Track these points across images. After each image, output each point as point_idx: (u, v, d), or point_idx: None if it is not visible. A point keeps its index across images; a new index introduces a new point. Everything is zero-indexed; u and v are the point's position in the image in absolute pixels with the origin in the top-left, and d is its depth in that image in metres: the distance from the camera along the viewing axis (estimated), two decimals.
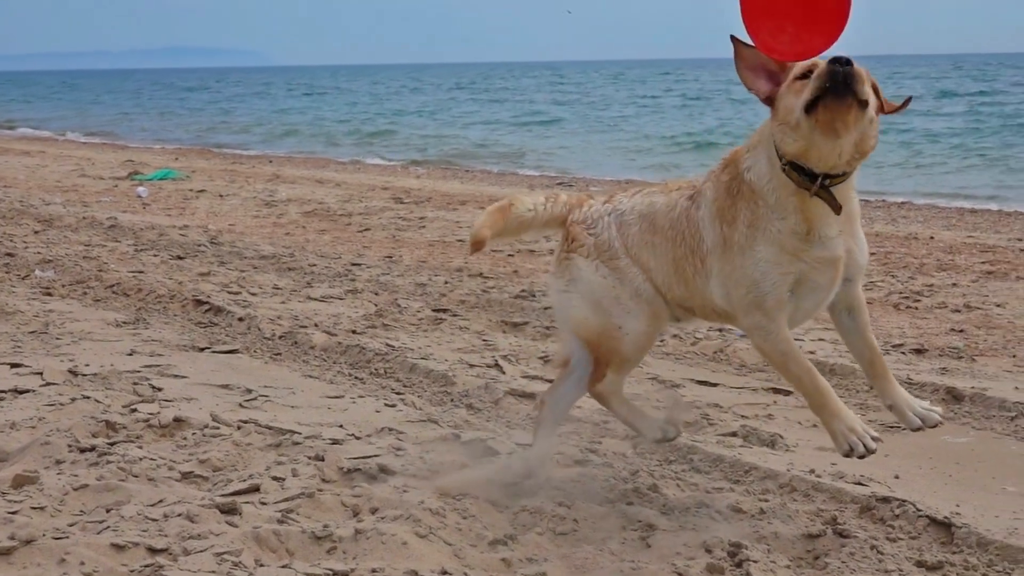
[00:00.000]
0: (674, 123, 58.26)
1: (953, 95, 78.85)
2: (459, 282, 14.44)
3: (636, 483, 6.77)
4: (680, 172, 36.14)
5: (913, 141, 44.35)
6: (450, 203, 24.65)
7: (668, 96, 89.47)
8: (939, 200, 27.55)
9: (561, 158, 42.42)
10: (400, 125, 62.24)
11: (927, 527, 6.09)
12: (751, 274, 5.94)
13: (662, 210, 6.47)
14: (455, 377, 9.49)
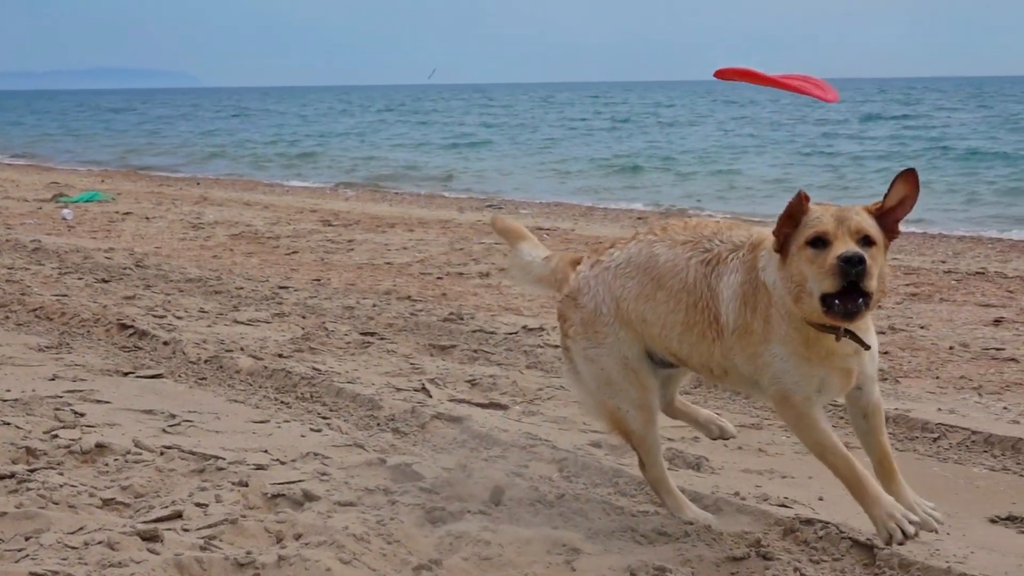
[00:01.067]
0: (603, 146, 58.51)
1: (878, 119, 79.82)
2: (387, 305, 14.40)
3: (562, 507, 6.77)
4: (608, 194, 36.28)
5: (839, 165, 44.83)
6: (379, 225, 24.60)
7: (597, 119, 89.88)
8: None
9: (491, 180, 42.45)
10: (329, 147, 62.09)
11: (850, 549, 6.12)
12: (773, 366, 6.04)
13: (667, 266, 6.44)
14: (382, 401, 9.46)
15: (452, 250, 20.49)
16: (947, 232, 25.71)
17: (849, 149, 51.94)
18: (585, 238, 22.75)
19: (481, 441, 8.46)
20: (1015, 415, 9.74)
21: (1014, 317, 14.12)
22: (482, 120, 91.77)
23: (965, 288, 16.49)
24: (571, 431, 8.96)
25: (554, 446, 8.25)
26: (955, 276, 17.79)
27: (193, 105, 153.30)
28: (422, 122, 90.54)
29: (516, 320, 13.68)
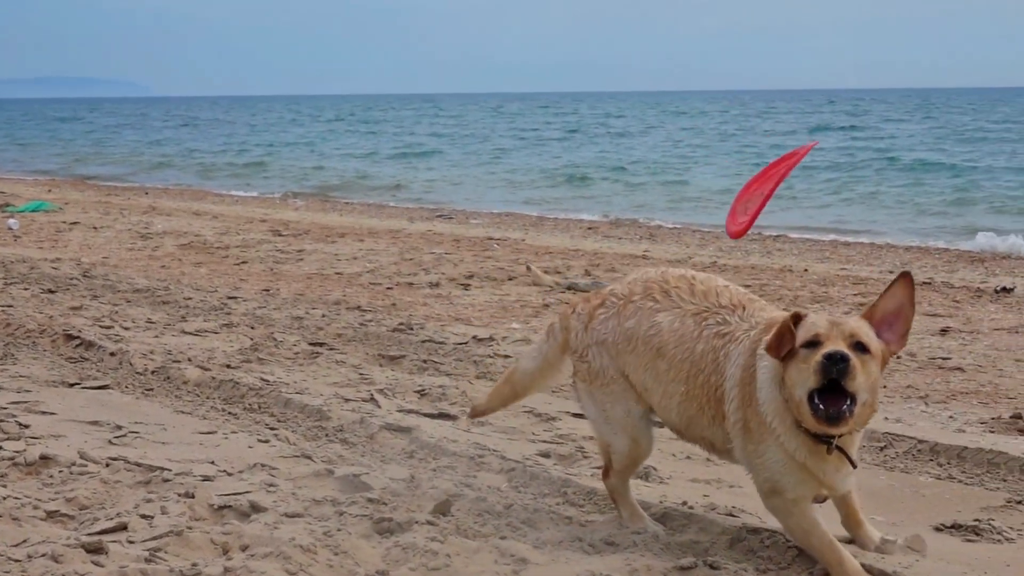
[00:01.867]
0: (553, 156, 58.61)
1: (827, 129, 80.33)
2: (337, 315, 14.36)
3: (510, 517, 6.76)
4: (558, 204, 36.34)
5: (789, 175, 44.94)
6: (329, 235, 24.55)
7: (547, 129, 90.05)
8: (813, 233, 28.01)
9: (441, 190, 42.46)
10: (278, 156, 61.93)
11: (796, 558, 6.14)
12: (769, 467, 5.99)
13: (670, 333, 6.36)
14: (330, 411, 9.42)
15: (402, 260, 20.47)
16: (895, 242, 25.93)
17: None
18: (535, 248, 22.80)
19: (430, 451, 8.44)
20: (961, 424, 9.82)
21: (960, 327, 14.24)
22: (432, 130, 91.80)
23: None
24: (520, 441, 8.96)
25: (503, 456, 8.24)
26: None
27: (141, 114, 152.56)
28: (371, 132, 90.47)
29: (466, 330, 13.67)
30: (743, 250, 23.38)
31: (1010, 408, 10.42)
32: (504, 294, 16.86)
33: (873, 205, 35.17)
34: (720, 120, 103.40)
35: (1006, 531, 6.89)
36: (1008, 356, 12.70)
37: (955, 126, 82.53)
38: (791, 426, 5.80)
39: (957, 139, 66.13)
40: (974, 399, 10.86)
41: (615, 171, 48.71)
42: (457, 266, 19.65)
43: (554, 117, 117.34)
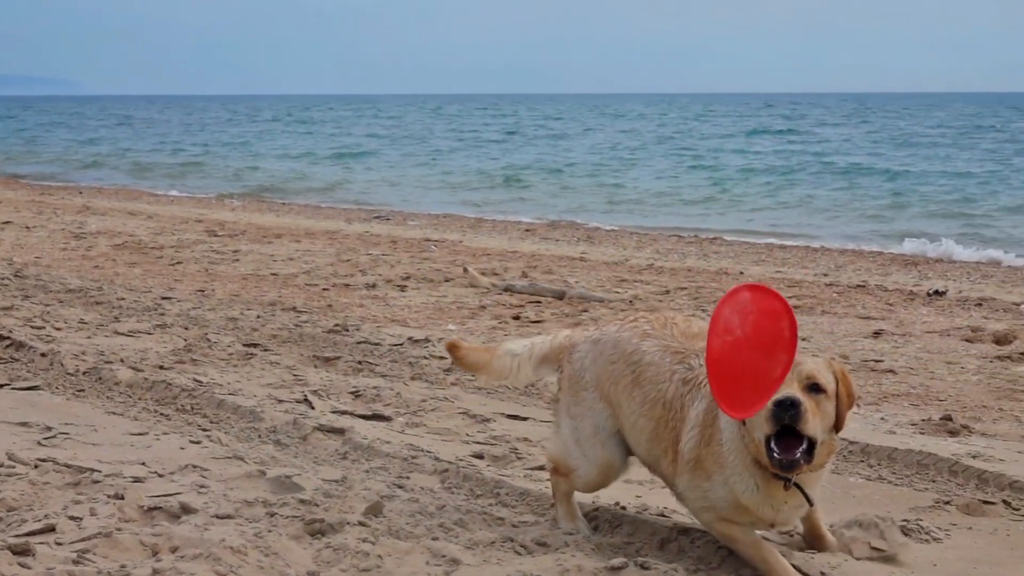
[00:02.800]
0: (491, 158, 58.62)
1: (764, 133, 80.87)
2: (272, 316, 14.29)
3: (442, 518, 6.75)
4: (496, 207, 36.37)
5: (725, 178, 45.32)
6: (265, 236, 24.43)
7: (486, 130, 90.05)
8: (749, 236, 28.17)
9: (378, 191, 42.37)
10: (214, 157, 61.57)
11: (726, 558, 6.17)
12: (711, 497, 6.01)
13: (651, 369, 6.36)
14: (263, 413, 9.37)
15: (339, 261, 20.40)
16: (829, 245, 26.12)
17: (734, 163, 52.57)
18: (473, 249, 22.80)
19: (363, 453, 8.42)
20: (892, 425, 9.91)
21: (893, 329, 14.37)
22: (370, 131, 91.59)
23: (846, 301, 16.75)
24: (454, 442, 8.96)
25: (436, 457, 8.23)
26: (836, 289, 18.07)
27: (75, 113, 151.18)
28: (309, 132, 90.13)
29: (402, 332, 13.64)
30: (680, 253, 23.49)
31: (940, 410, 10.52)
32: (441, 295, 16.84)
33: (808, 208, 35.42)
34: (658, 123, 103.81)
35: (934, 531, 6.96)
36: (939, 359, 12.82)
37: (890, 131, 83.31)
38: (749, 464, 5.81)
39: (892, 144, 66.75)
40: (905, 401, 10.96)
41: (553, 173, 48.79)
42: (394, 267, 19.61)
43: (492, 119, 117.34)
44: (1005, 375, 12.08)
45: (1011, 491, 8.04)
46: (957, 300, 17.02)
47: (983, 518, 7.54)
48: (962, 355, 13.04)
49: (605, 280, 18.57)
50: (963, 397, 11.13)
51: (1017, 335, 13.98)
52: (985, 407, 10.76)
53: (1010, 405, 10.83)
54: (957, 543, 6.95)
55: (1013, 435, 9.72)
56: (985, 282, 19.56)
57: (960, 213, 33.11)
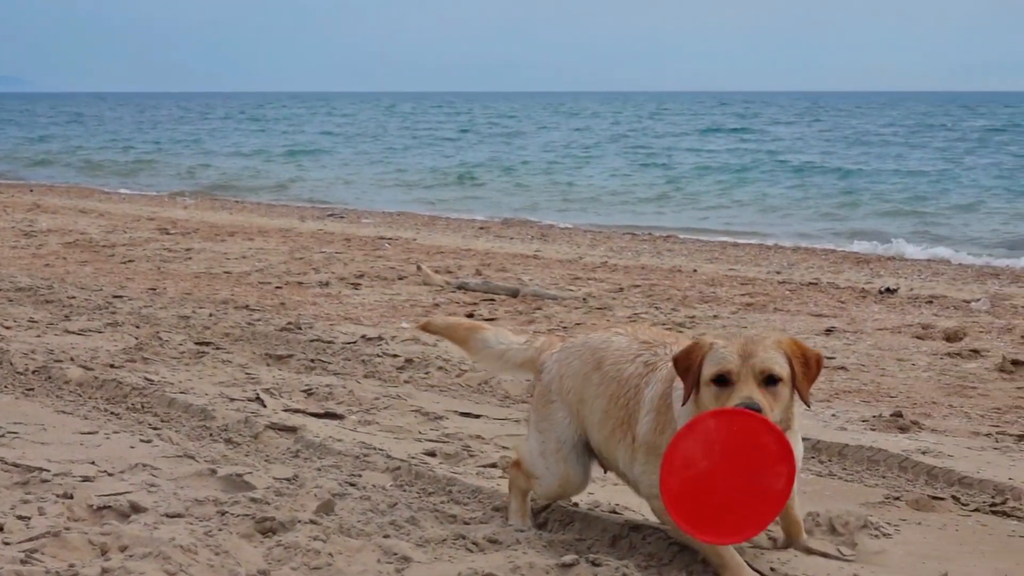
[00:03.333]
0: (445, 156, 58.57)
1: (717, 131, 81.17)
2: (224, 314, 14.23)
3: (394, 516, 6.73)
4: (450, 205, 36.36)
5: (679, 176, 45.45)
6: (218, 234, 24.33)
7: (441, 128, 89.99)
8: (703, 234, 28.27)
9: (332, 189, 42.27)
10: (167, 154, 61.25)
11: (677, 554, 6.18)
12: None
13: (615, 353, 6.36)
14: (215, 411, 9.32)
15: (292, 259, 20.34)
16: (783, 243, 26.24)
17: (688, 161, 52.75)
18: (427, 247, 22.78)
19: (315, 451, 8.40)
20: (843, 422, 9.96)
21: (845, 327, 14.45)
22: (324, 128, 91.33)
23: (798, 298, 16.83)
24: (406, 440, 8.94)
25: (388, 455, 8.21)
26: (789, 286, 18.15)
27: (25, 110, 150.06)
28: (262, 130, 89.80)
29: (355, 330, 13.61)
30: (634, 251, 23.55)
31: (891, 406, 10.59)
32: (395, 293, 16.81)
33: (762, 207, 35.59)
34: (612, 121, 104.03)
35: (883, 527, 6.99)
36: (890, 355, 12.91)
37: (843, 129, 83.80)
38: None
39: (845, 142, 67.14)
40: (856, 398, 11.03)
41: (507, 171, 48.81)
42: (347, 265, 19.57)
43: (447, 117, 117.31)
44: (955, 372, 12.17)
45: (960, 487, 8.11)
46: (908, 298, 17.14)
47: (932, 513, 7.59)
48: (913, 352, 13.13)
49: (559, 278, 18.59)
50: (913, 394, 11.21)
51: (967, 332, 14.09)
52: (935, 403, 10.84)
53: (960, 401, 10.92)
54: (906, 538, 6.99)
55: (962, 431, 9.80)
56: (936, 280, 19.70)
57: (912, 211, 33.34)
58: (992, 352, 13.02)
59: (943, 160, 52.17)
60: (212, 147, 67.72)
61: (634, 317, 14.91)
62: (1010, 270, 21.78)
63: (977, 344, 13.47)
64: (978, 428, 9.93)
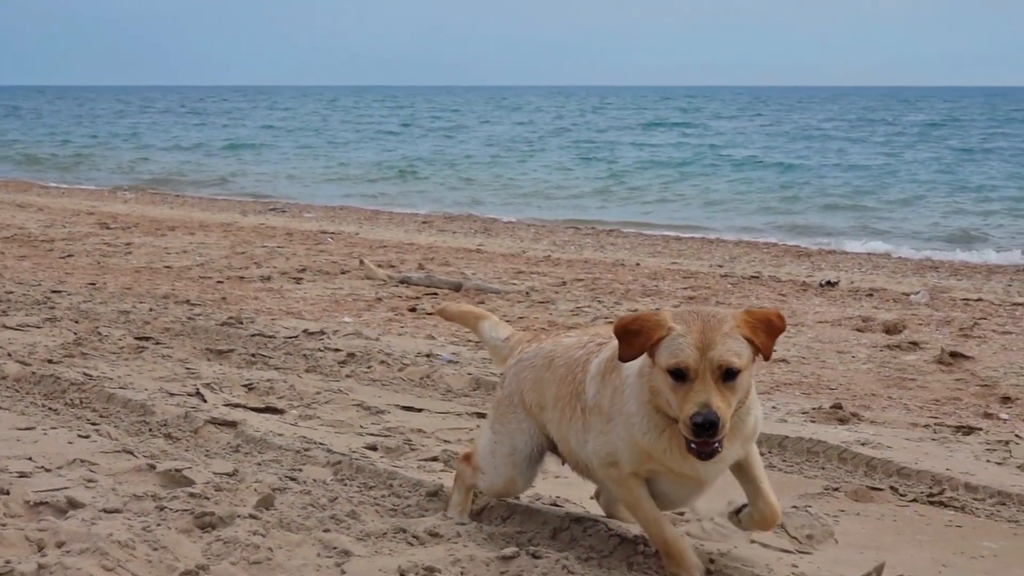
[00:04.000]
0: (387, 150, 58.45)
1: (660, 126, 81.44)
2: (165, 309, 14.13)
3: (334, 510, 6.71)
4: (393, 199, 36.31)
5: (622, 170, 45.57)
6: (158, 228, 24.17)
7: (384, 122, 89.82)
8: (646, 228, 28.37)
9: (274, 183, 42.09)
10: (106, 148, 60.78)
11: (617, 546, 6.19)
12: (613, 442, 5.81)
13: (564, 348, 6.34)
14: (154, 406, 9.24)
15: (234, 253, 20.23)
16: (725, 238, 26.38)
17: (631, 155, 52.89)
18: (370, 241, 22.73)
19: (255, 445, 8.35)
20: (783, 414, 10.03)
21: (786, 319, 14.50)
22: (266, 122, 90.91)
23: (740, 291, 16.92)
24: (347, 434, 8.91)
25: (329, 449, 8.18)
26: (731, 280, 18.26)
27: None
28: (202, 124, 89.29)
29: (297, 324, 13.55)
30: (577, 245, 23.60)
31: (831, 398, 10.67)
32: (337, 288, 16.76)
33: (704, 201, 35.75)
34: (555, 115, 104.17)
35: (822, 517, 7.04)
36: (831, 348, 13.00)
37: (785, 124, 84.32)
38: (651, 411, 5.66)
39: (787, 137, 67.57)
40: (797, 390, 11.10)
41: (450, 165, 48.79)
42: (289, 260, 19.48)
43: (389, 110, 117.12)
44: (894, 364, 12.28)
45: (898, 477, 8.18)
46: (849, 291, 17.27)
47: (871, 504, 7.65)
48: (853, 344, 13.24)
49: (502, 272, 18.60)
50: (853, 385, 11.29)
51: (906, 324, 14.22)
52: (875, 395, 10.93)
53: (899, 393, 11.02)
54: (845, 529, 7.05)
55: (901, 422, 9.88)
56: (876, 273, 19.88)
57: (853, 205, 33.60)
58: (931, 344, 13.14)
59: (884, 155, 52.63)
60: (152, 141, 67.25)
61: (576, 311, 14.94)
62: (949, 263, 22.04)
63: (916, 336, 13.60)
64: (917, 419, 10.02)
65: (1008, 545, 6.95)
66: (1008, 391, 11.09)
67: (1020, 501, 7.66)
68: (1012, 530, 7.23)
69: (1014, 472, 8.37)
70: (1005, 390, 11.13)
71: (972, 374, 11.83)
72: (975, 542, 6.98)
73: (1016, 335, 13.89)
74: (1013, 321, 14.84)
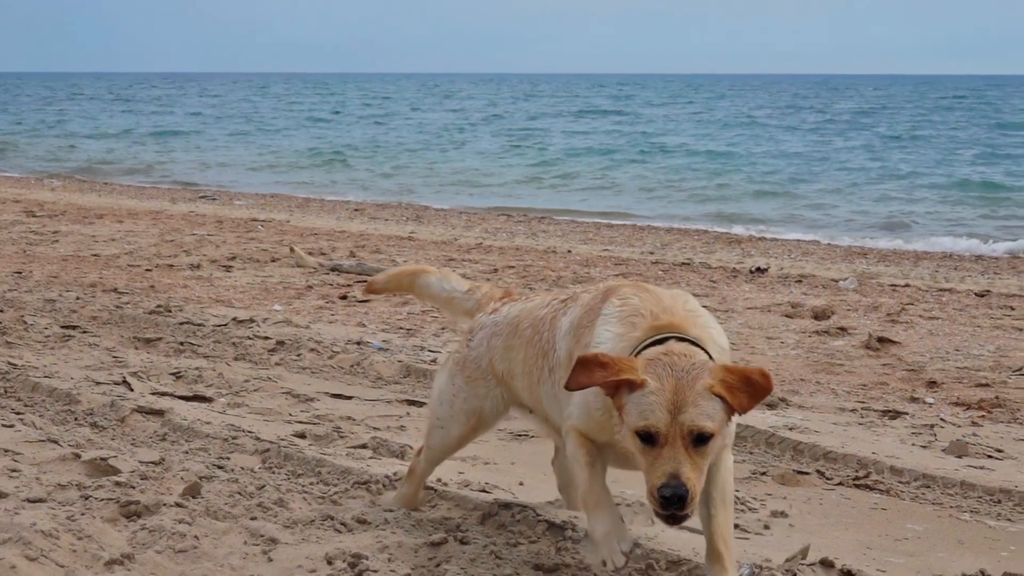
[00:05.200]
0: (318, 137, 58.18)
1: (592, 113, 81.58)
2: (92, 298, 13.99)
3: (262, 498, 6.66)
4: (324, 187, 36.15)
5: (553, 158, 45.62)
6: (86, 217, 23.93)
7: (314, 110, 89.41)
8: (577, 216, 28.43)
9: (204, 171, 41.80)
10: (32, 135, 60.04)
11: (546, 531, 6.21)
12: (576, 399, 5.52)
13: (529, 311, 6.10)
14: (80, 395, 9.14)
15: (163, 242, 20.07)
16: (656, 225, 26.49)
17: (563, 143, 52.96)
18: (301, 229, 22.64)
19: (183, 434, 8.28)
20: None
21: (716, 306, 14.61)
22: (195, 109, 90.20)
23: (671, 278, 16.98)
24: (276, 422, 8.87)
25: (257, 437, 8.12)
26: (662, 266, 18.33)
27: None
28: (130, 111, 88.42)
29: (226, 312, 13.46)
30: (508, 232, 23.61)
31: None
32: (267, 276, 16.66)
33: (635, 188, 35.86)
34: (487, 103, 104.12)
35: (750, 501, 7.09)
36: (760, 334, 13.08)
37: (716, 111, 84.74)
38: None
39: (718, 124, 67.90)
40: None
41: (382, 152, 48.65)
42: (219, 248, 19.35)
43: (320, 98, 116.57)
44: (823, 349, 12.37)
45: (825, 461, 8.25)
46: (778, 277, 17.40)
47: (798, 488, 7.72)
48: (782, 330, 13.33)
49: (434, 259, 18.56)
50: (782, 371, 11.37)
51: (835, 310, 14.34)
52: (803, 380, 11.01)
53: (827, 378, 11.10)
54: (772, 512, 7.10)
55: (828, 407, 9.96)
56: (805, 260, 20.03)
57: (783, 193, 33.85)
58: (859, 330, 13.26)
59: (814, 142, 53.01)
60: (79, 128, 66.51)
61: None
62: (878, 250, 22.26)
63: (844, 322, 13.71)
64: (844, 404, 10.10)
65: (932, 527, 7.04)
66: (934, 375, 11.21)
67: (944, 484, 7.75)
68: (936, 512, 7.32)
69: (939, 455, 8.47)
70: (931, 375, 11.25)
71: (899, 359, 11.95)
72: (900, 524, 7.07)
73: (943, 320, 14.03)
74: (940, 307, 15.00)
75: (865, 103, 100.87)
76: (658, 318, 5.38)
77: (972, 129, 61.83)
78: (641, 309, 5.45)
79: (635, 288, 5.62)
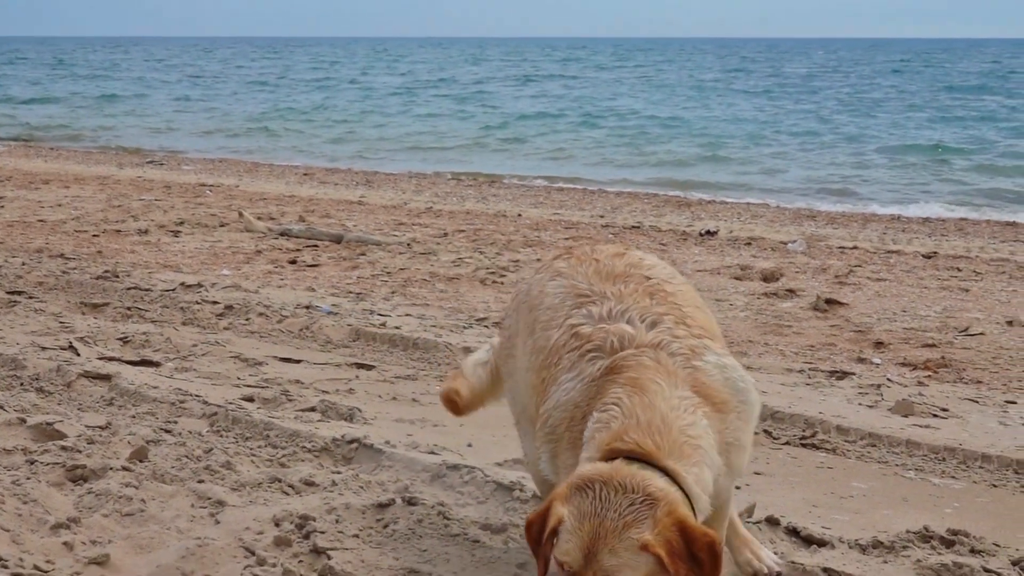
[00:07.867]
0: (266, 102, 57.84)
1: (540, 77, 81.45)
2: (38, 263, 13.87)
3: (209, 461, 6.65)
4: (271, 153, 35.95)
5: (502, 122, 45.54)
6: (32, 182, 23.72)
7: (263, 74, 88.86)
8: (527, 180, 28.42)
9: (151, 136, 41.47)
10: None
11: (494, 492, 6.22)
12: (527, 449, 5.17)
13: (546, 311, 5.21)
14: (26, 360, 9.06)
15: (110, 207, 19.91)
16: (606, 189, 26.52)
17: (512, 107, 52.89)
18: (250, 194, 22.52)
19: (129, 398, 8.23)
20: None
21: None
22: (140, 74, 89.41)
23: (621, 241, 17.00)
24: (224, 386, 8.82)
25: (205, 401, 8.08)
26: (612, 230, 18.35)
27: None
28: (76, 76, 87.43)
29: (174, 277, 13.38)
30: (459, 196, 23.58)
31: None
32: (216, 240, 16.57)
33: (585, 152, 35.85)
34: (435, 66, 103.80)
35: None
36: (709, 296, 13.11)
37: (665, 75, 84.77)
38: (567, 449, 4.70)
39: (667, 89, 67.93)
40: None
41: (331, 116, 48.44)
42: (167, 213, 19.22)
43: (269, 62, 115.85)
44: (771, 311, 12.43)
45: (772, 421, 8.30)
46: (728, 240, 17.46)
47: None
48: (731, 292, 13.38)
49: (384, 223, 18.52)
50: (731, 332, 11.41)
51: (783, 272, 14.41)
52: (752, 342, 11.06)
53: (775, 340, 11.16)
54: None
55: (776, 368, 10.02)
56: (755, 222, 20.10)
57: (732, 156, 33.90)
58: (807, 292, 13.33)
59: (764, 105, 53.16)
60: (22, 93, 65.72)
61: (458, 262, 14.92)
62: (826, 213, 22.37)
63: (793, 284, 13.78)
64: (792, 365, 10.16)
65: (876, 485, 7.09)
66: (881, 336, 11.29)
67: (890, 443, 7.81)
68: (881, 471, 7.38)
69: (884, 415, 8.53)
70: (878, 335, 11.33)
71: (847, 320, 12.02)
72: (845, 483, 7.12)
73: (890, 282, 14.13)
74: (887, 268, 15.10)
75: (814, 66, 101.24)
76: (624, 436, 4.45)
77: (923, 93, 62.16)
78: (612, 422, 4.51)
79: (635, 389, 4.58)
